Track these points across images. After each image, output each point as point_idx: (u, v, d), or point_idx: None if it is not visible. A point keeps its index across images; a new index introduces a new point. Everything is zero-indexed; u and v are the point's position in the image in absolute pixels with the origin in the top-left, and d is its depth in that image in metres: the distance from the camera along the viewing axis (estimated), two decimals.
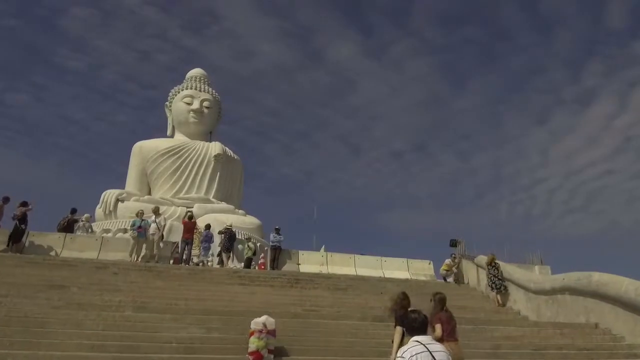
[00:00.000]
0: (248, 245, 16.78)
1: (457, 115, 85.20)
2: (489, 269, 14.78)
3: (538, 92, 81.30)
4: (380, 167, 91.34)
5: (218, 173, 23.34)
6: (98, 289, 11.17)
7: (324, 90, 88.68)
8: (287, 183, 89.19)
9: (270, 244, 17.33)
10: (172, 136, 25.15)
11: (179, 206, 21.27)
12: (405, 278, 16.82)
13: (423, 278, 17.22)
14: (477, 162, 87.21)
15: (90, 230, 18.17)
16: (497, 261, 14.91)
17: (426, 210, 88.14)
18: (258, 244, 19.19)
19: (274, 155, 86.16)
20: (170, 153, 23.06)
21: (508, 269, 14.80)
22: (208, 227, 17.04)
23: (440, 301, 7.05)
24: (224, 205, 22.39)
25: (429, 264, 18.48)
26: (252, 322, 7.32)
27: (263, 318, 7.34)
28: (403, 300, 6.61)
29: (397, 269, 17.76)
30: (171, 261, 15.86)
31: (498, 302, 14.37)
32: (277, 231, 17.24)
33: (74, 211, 17.05)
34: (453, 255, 17.42)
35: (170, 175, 22.76)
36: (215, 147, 23.45)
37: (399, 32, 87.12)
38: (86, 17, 73.99)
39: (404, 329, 5.68)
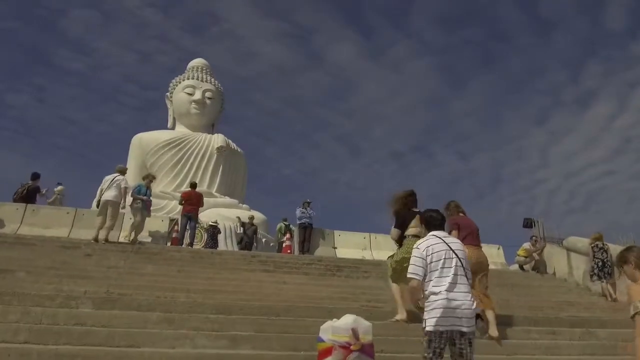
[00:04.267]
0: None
1: (456, 116, 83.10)
2: (594, 253, 10.99)
3: (538, 93, 79.80)
4: (380, 167, 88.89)
5: (221, 166, 21.57)
6: (57, 274, 7.42)
7: (324, 91, 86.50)
8: (287, 183, 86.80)
9: (298, 221, 13.34)
10: (172, 128, 23.31)
11: None
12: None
13: (493, 266, 13.35)
14: (476, 162, 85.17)
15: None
16: (604, 242, 11.11)
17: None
18: (264, 240, 17.11)
19: (274, 156, 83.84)
20: (171, 145, 21.31)
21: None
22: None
23: (456, 207, 7.00)
24: (227, 199, 20.55)
25: (499, 249, 14.65)
26: (327, 327, 3.49)
27: (349, 319, 3.49)
28: (408, 197, 6.45)
29: None
30: (168, 243, 12.09)
31: (610, 295, 10.58)
32: (307, 205, 13.31)
33: (35, 176, 12.73)
34: (534, 238, 13.51)
35: (171, 168, 20.99)
36: (217, 140, 21.66)
37: (399, 33, 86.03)
38: (86, 19, 71.91)
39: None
